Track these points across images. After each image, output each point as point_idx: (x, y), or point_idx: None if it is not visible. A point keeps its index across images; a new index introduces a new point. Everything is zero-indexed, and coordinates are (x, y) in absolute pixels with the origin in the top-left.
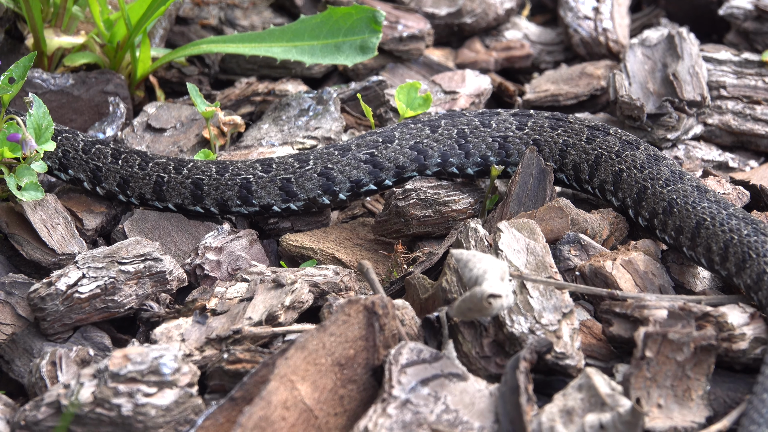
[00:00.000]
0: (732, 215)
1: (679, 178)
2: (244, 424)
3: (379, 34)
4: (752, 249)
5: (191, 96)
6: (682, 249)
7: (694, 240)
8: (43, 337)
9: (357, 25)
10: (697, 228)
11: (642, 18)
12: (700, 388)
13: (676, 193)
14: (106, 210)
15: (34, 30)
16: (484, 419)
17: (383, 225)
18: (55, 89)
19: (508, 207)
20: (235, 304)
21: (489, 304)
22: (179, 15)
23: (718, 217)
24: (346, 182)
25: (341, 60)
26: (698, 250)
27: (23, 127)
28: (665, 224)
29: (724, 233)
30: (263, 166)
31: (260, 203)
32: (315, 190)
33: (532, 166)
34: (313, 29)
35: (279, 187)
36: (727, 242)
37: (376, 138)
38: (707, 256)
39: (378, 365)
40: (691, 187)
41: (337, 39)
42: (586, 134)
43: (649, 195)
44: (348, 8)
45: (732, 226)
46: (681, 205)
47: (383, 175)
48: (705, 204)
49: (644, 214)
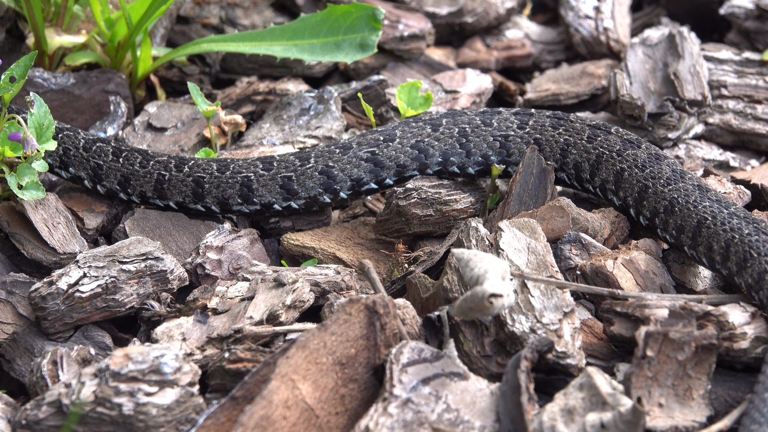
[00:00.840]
0: (733, 214)
1: (680, 177)
2: (245, 424)
3: (379, 32)
4: (753, 248)
5: (192, 95)
6: (683, 248)
7: (695, 239)
8: (44, 337)
9: (357, 23)
10: (699, 227)
11: (643, 17)
12: (701, 387)
13: (678, 192)
14: (107, 209)
15: (35, 29)
16: (485, 418)
17: (384, 224)
18: (56, 88)
19: (509, 206)
20: (236, 304)
21: (490, 303)
22: (180, 14)
23: (720, 217)
24: (347, 180)
25: (341, 57)
26: (699, 250)
27: (24, 127)
28: (666, 223)
29: (726, 232)
30: (264, 164)
31: (261, 201)
32: (316, 188)
33: (533, 165)
34: (313, 27)
35: (280, 185)
36: (729, 241)
37: (378, 136)
38: (708, 255)
39: (379, 364)
40: (692, 186)
41: (337, 37)
42: (587, 133)
43: (651, 194)
44: (348, 6)
45: (733, 225)
46: (682, 205)
47: (384, 174)
48: (706, 203)
49: (645, 213)
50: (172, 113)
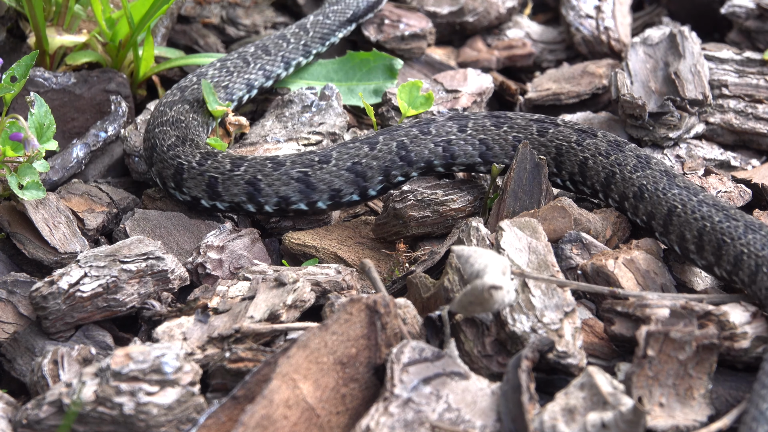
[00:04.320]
0: (702, 202)
1: (646, 163)
2: (246, 423)
3: (395, 80)
4: (726, 234)
5: (204, 94)
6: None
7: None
8: (45, 336)
9: (373, 72)
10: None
11: (644, 16)
12: (702, 386)
13: (647, 179)
14: (107, 209)
15: (36, 29)
16: (486, 418)
17: (383, 228)
18: (57, 88)
19: (505, 203)
20: (236, 303)
21: (490, 295)
22: (181, 14)
23: (689, 204)
24: (273, 196)
25: (353, 101)
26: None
27: (25, 126)
28: (636, 209)
29: (697, 221)
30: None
31: (191, 194)
32: (240, 196)
33: (526, 160)
34: (328, 72)
35: (207, 184)
36: (700, 230)
37: (312, 157)
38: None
39: (380, 364)
40: (659, 173)
41: (352, 83)
42: (535, 128)
43: (618, 180)
44: (367, 54)
45: (704, 213)
46: (652, 192)
47: (316, 197)
48: (675, 191)
49: (615, 198)
50: None
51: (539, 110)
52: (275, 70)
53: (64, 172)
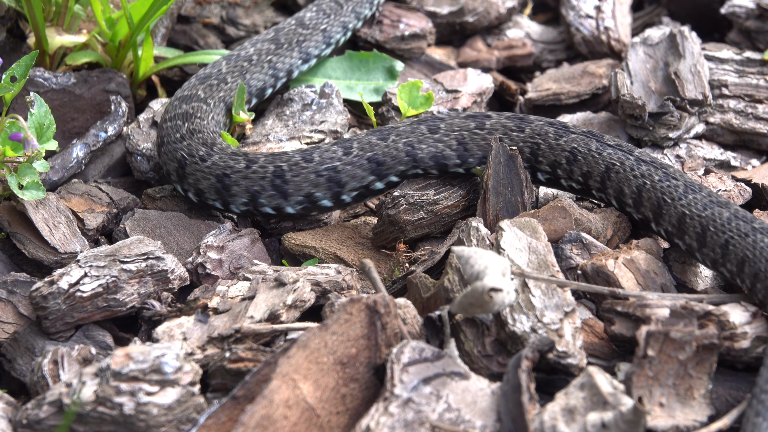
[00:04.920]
0: (640, 160)
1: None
2: (246, 423)
3: (395, 81)
4: (666, 194)
5: (236, 97)
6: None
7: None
8: (45, 336)
9: (373, 72)
10: (607, 172)
11: (644, 17)
12: (702, 386)
13: (576, 143)
14: (107, 209)
15: (35, 29)
16: (486, 418)
17: (381, 236)
18: (57, 88)
19: (488, 201)
20: (236, 303)
21: (490, 297)
22: (181, 14)
23: (627, 163)
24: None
25: (352, 97)
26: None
27: (25, 126)
28: (571, 173)
29: (636, 178)
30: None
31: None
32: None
33: (500, 155)
34: (326, 71)
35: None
36: (640, 187)
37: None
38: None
39: (380, 364)
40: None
41: (351, 81)
42: (473, 125)
43: (545, 149)
44: (366, 54)
45: (643, 171)
46: (585, 153)
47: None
48: (610, 151)
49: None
50: None
51: (539, 110)
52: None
53: (64, 172)
